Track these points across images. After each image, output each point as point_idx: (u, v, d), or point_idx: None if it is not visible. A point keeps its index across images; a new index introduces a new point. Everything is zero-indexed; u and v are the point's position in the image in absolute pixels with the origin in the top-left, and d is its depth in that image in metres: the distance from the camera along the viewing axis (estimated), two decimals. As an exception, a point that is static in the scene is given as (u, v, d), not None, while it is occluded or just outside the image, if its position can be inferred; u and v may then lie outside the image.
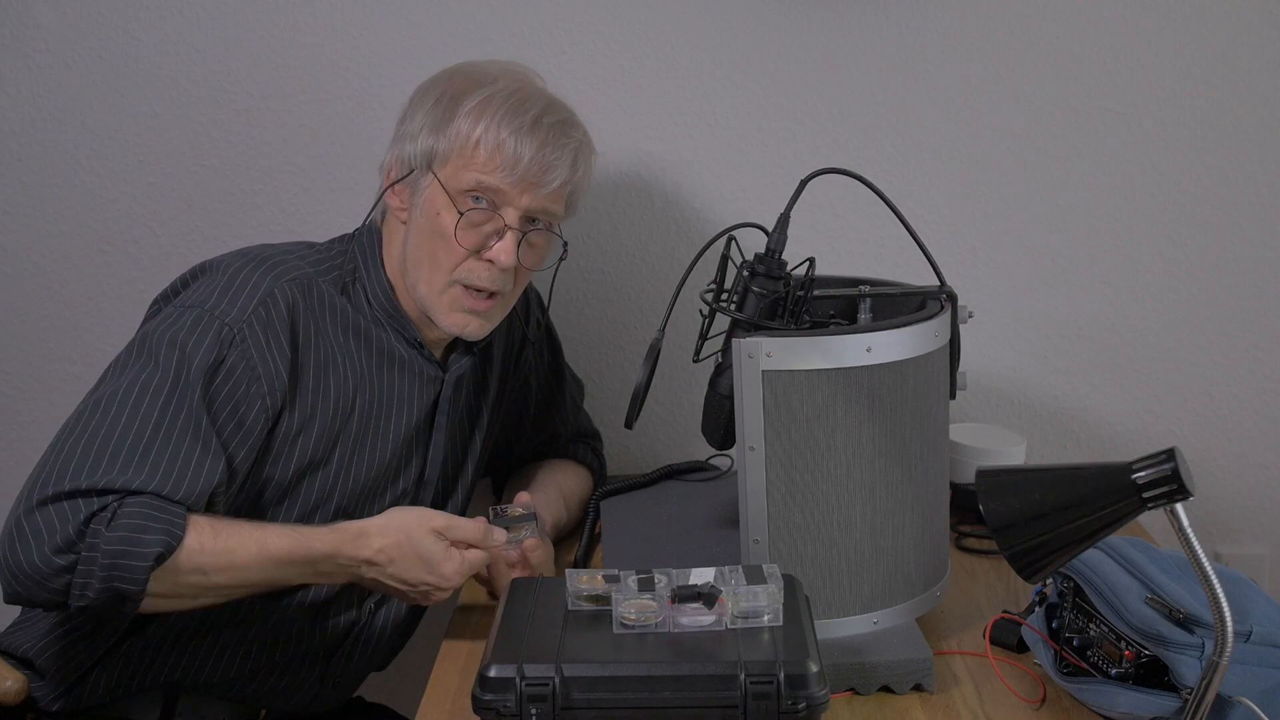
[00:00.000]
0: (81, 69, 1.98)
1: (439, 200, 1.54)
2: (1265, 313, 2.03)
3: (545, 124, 1.55)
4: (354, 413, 1.56)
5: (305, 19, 1.97)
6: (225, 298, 1.48)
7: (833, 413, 1.38)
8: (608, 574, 1.32)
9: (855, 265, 2.00)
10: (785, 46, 1.96)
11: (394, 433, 1.60)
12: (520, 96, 1.56)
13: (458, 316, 1.58)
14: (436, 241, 1.55)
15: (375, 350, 1.59)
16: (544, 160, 1.54)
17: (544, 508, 1.73)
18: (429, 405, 1.64)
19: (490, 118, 1.53)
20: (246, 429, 1.46)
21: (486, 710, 1.20)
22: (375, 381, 1.59)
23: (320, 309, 1.55)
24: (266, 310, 1.48)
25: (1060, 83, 1.97)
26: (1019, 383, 2.07)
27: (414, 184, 1.57)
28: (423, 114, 1.57)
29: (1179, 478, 1.12)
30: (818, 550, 1.42)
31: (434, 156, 1.55)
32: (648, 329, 2.05)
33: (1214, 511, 2.10)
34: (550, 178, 1.55)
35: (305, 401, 1.51)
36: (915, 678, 1.40)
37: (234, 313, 1.47)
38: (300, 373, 1.51)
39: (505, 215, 1.55)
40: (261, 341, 1.47)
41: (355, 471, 1.57)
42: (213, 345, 1.44)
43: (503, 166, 1.53)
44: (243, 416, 1.46)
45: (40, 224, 2.04)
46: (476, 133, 1.53)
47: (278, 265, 1.54)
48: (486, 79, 1.57)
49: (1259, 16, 1.94)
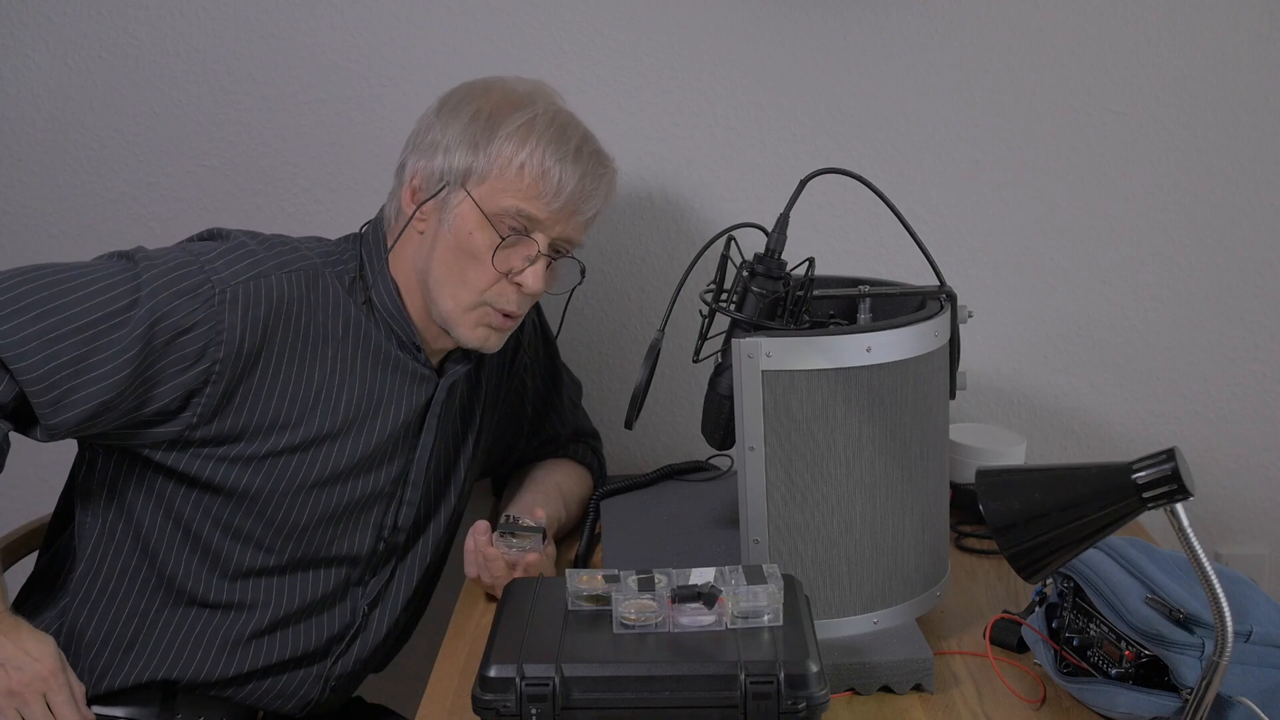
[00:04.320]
0: (81, 69, 1.98)
1: (472, 219, 1.54)
2: (1265, 313, 2.03)
3: (586, 153, 1.56)
4: (340, 404, 1.56)
5: (305, 19, 1.97)
6: (223, 259, 1.50)
7: (832, 413, 1.38)
8: (608, 574, 1.32)
9: (855, 265, 2.00)
10: (785, 47, 1.96)
11: (379, 429, 1.59)
12: (560, 123, 1.56)
13: (481, 332, 1.58)
14: (467, 260, 1.55)
15: (371, 349, 1.59)
16: (584, 190, 1.56)
17: (543, 506, 1.73)
18: (420, 407, 1.64)
19: (535, 143, 1.53)
20: (176, 381, 1.45)
21: (486, 710, 1.20)
22: (365, 378, 1.58)
23: (323, 300, 1.55)
24: (256, 287, 1.49)
25: (1060, 83, 1.97)
26: (1019, 383, 2.07)
27: (443, 200, 1.56)
28: (457, 128, 1.56)
29: (1179, 478, 1.12)
30: (818, 550, 1.42)
31: (470, 174, 1.54)
32: (648, 329, 2.05)
33: (1214, 511, 2.10)
34: (587, 207, 1.57)
35: (265, 368, 1.51)
36: (915, 678, 1.40)
37: (225, 275, 1.48)
38: (268, 343, 1.50)
39: (537, 241, 1.55)
40: (239, 310, 1.47)
41: (331, 457, 1.56)
42: (190, 298, 1.45)
43: (544, 194, 1.53)
44: (180, 366, 1.45)
45: (40, 224, 2.04)
46: (520, 157, 1.53)
47: (286, 254, 1.55)
48: (524, 100, 1.57)
49: (1259, 16, 1.94)
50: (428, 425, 1.65)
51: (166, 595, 1.56)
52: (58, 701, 1.45)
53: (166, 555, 1.55)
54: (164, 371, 1.45)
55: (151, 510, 1.54)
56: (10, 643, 1.44)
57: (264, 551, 1.56)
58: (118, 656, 1.56)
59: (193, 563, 1.55)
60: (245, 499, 1.53)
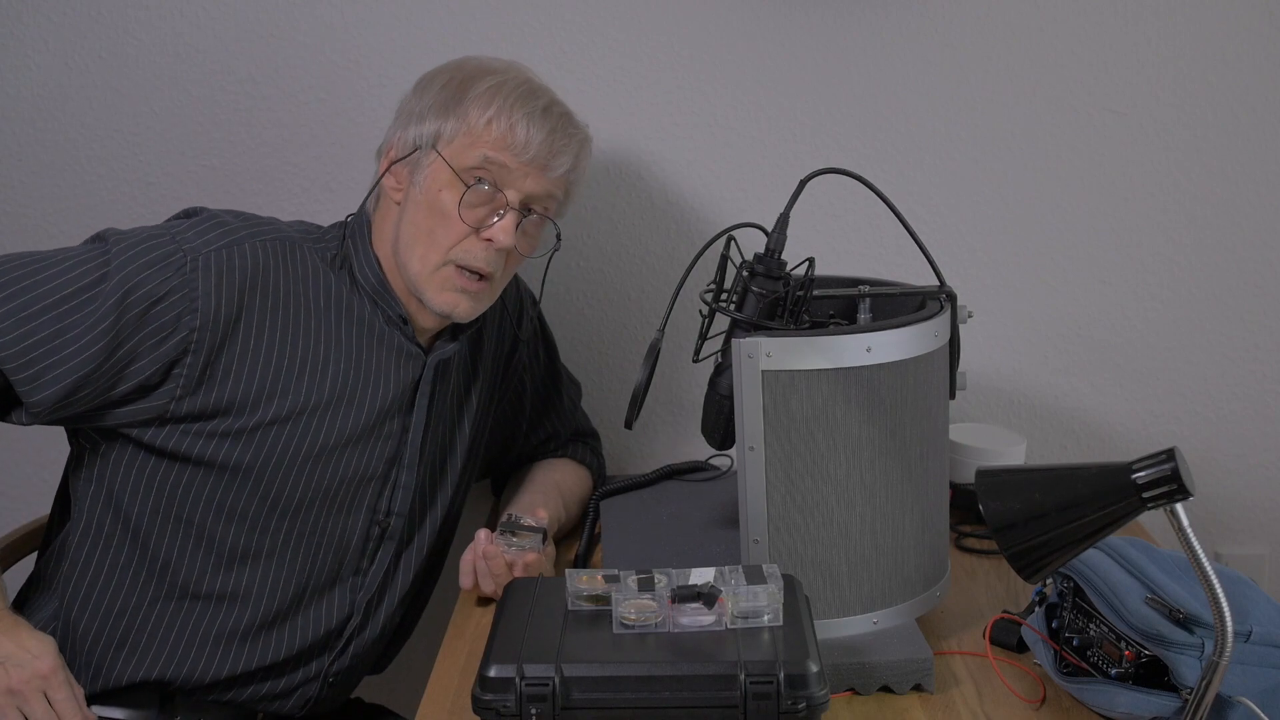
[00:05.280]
0: (81, 69, 1.99)
1: (442, 177, 1.56)
2: (1265, 313, 2.03)
3: (555, 113, 1.59)
4: (326, 376, 1.56)
5: (305, 19, 1.97)
6: (194, 230, 1.52)
7: (832, 413, 1.38)
8: (608, 574, 1.32)
9: (855, 265, 2.00)
10: (785, 46, 1.96)
11: (369, 404, 1.59)
12: (529, 86, 1.59)
13: (449, 295, 1.58)
14: (435, 218, 1.56)
15: (355, 320, 1.60)
16: (553, 146, 1.57)
17: (543, 506, 1.73)
18: (409, 385, 1.64)
19: (503, 100, 1.56)
20: (155, 354, 1.48)
21: (486, 710, 1.20)
22: (353, 350, 1.59)
23: (300, 270, 1.57)
24: (229, 254, 1.51)
25: (1060, 83, 1.97)
26: (1019, 383, 2.07)
27: (415, 163, 1.58)
28: (430, 95, 1.59)
29: (1179, 478, 1.12)
30: (817, 550, 1.42)
31: (440, 135, 1.57)
32: (648, 329, 2.05)
33: (1214, 511, 2.10)
34: (557, 164, 1.58)
35: (247, 337, 1.52)
36: (915, 678, 1.40)
37: (197, 244, 1.50)
38: (245, 311, 1.51)
39: (507, 195, 1.56)
40: (212, 277, 1.49)
41: (322, 429, 1.56)
42: (162, 267, 1.47)
43: (513, 147, 1.55)
44: (158, 337, 1.48)
45: (40, 224, 2.04)
46: (489, 113, 1.55)
47: (262, 226, 1.57)
48: (495, 69, 1.61)
49: (1259, 16, 1.94)
50: (418, 405, 1.64)
51: (159, 588, 1.56)
52: (58, 699, 1.45)
53: (158, 544, 1.55)
54: (142, 344, 1.47)
55: (141, 498, 1.54)
56: (10, 641, 1.45)
57: (257, 532, 1.56)
58: (109, 653, 1.56)
59: (186, 548, 1.55)
60: (237, 474, 1.53)
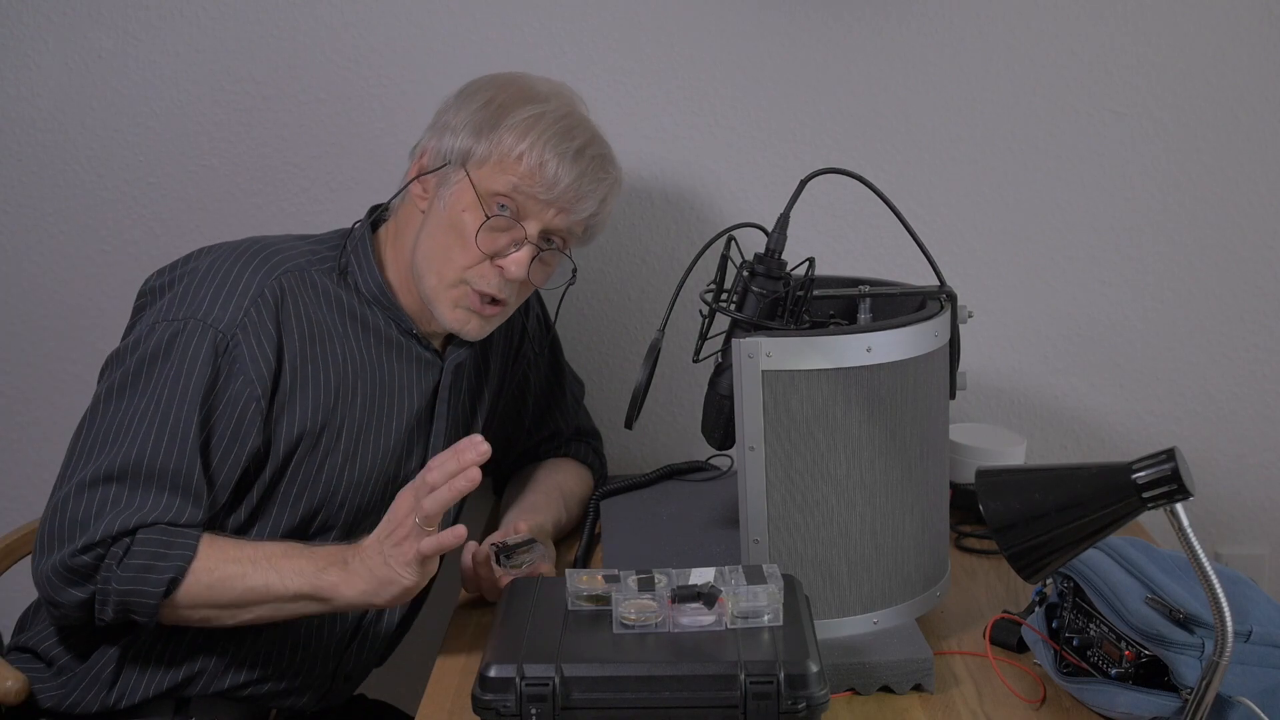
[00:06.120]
0: (81, 69, 1.98)
1: (466, 199, 1.56)
2: (1265, 313, 2.03)
3: (588, 155, 1.58)
4: (356, 398, 1.57)
5: (305, 19, 1.97)
6: (217, 304, 1.50)
7: (832, 413, 1.38)
8: (608, 574, 1.32)
9: (855, 265, 2.00)
10: (785, 46, 1.96)
11: (397, 420, 1.61)
12: (569, 122, 1.58)
13: (459, 314, 1.59)
14: (454, 238, 1.56)
15: (373, 334, 1.60)
16: (579, 190, 1.57)
17: (544, 507, 1.73)
18: (429, 392, 1.65)
19: (537, 135, 1.55)
20: (244, 432, 1.49)
21: (486, 710, 1.20)
22: (375, 367, 1.60)
23: (315, 296, 1.57)
24: (257, 309, 1.51)
25: (1060, 83, 1.97)
26: (1019, 383, 2.07)
27: (443, 177, 1.58)
28: (469, 112, 1.58)
29: (1179, 478, 1.12)
30: (818, 550, 1.42)
31: (470, 156, 1.56)
32: (648, 329, 2.05)
33: (1214, 511, 2.10)
34: (581, 207, 1.58)
35: (292, 379, 1.52)
36: (915, 678, 1.40)
37: (226, 319, 1.49)
38: (285, 352, 1.52)
39: (527, 227, 1.56)
40: (253, 342, 1.50)
41: (361, 461, 1.58)
42: (209, 360, 1.47)
43: (541, 183, 1.55)
44: (239, 420, 1.49)
45: (40, 224, 2.04)
46: (521, 147, 1.54)
47: (271, 258, 1.56)
48: (538, 96, 1.59)
49: (1258, 16, 1.94)
50: (438, 411, 1.66)
51: None
52: None
53: None
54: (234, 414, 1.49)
55: None
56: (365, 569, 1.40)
57: None
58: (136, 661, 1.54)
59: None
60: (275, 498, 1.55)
